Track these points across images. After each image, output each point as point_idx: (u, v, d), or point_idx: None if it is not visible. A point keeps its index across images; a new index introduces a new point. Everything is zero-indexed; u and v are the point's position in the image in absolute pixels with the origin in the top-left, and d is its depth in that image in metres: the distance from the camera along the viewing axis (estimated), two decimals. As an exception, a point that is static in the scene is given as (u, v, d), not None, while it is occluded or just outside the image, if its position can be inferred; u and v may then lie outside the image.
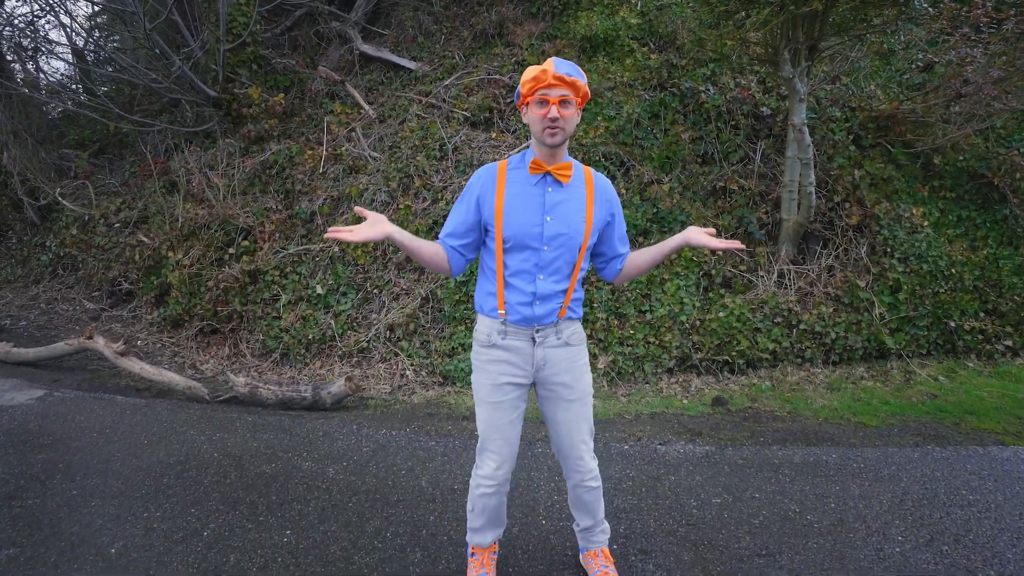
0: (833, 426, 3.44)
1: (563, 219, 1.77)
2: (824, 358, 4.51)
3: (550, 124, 1.69)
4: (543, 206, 1.77)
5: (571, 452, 1.94)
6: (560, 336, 1.86)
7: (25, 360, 5.20)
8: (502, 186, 1.80)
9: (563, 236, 1.77)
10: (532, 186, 1.78)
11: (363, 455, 3.10)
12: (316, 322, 5.28)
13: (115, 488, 2.79)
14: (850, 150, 5.27)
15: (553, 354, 1.86)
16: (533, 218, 1.76)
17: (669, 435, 3.34)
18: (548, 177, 1.78)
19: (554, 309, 1.82)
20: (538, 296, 1.79)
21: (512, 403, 1.88)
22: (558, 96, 1.67)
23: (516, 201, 1.77)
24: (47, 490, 2.79)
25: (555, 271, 1.80)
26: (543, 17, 7.54)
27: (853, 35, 4.62)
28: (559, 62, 1.68)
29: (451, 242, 1.86)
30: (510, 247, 1.79)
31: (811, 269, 4.92)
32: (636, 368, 4.52)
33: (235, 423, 3.59)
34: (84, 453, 3.17)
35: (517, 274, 1.80)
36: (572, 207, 1.79)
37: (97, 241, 6.87)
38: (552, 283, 1.80)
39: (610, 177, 5.54)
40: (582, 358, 1.93)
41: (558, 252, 1.78)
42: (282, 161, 6.53)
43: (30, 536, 2.41)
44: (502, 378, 1.86)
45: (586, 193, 1.82)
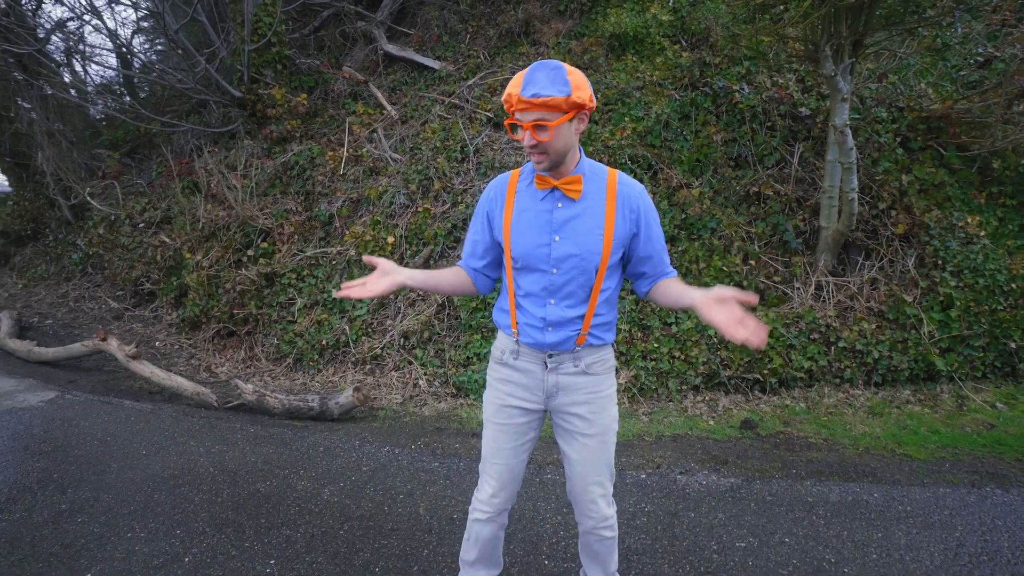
0: (875, 458, 3.12)
1: (573, 239, 1.55)
2: (865, 379, 4.16)
3: (530, 150, 1.49)
4: (551, 224, 1.57)
5: (583, 495, 1.71)
6: (578, 364, 1.64)
7: (45, 359, 5.23)
8: (511, 201, 1.62)
9: (574, 258, 1.56)
10: (540, 201, 1.59)
11: (362, 475, 2.94)
12: (331, 327, 5.17)
13: (105, 503, 2.68)
14: (897, 153, 4.89)
15: (569, 382, 1.65)
16: (540, 238, 1.57)
17: (691, 463, 3.08)
18: (556, 191, 1.57)
19: (570, 336, 1.61)
20: (549, 322, 1.60)
21: (518, 428, 1.71)
22: (531, 121, 1.44)
23: (523, 218, 1.59)
24: (37, 502, 2.70)
25: (568, 295, 1.59)
26: (571, 15, 7.31)
27: (902, 29, 4.26)
28: (530, 78, 1.44)
29: (472, 264, 1.75)
30: (520, 267, 1.62)
31: (852, 282, 4.57)
32: (659, 384, 4.26)
33: (237, 434, 3.47)
34: (81, 463, 3.09)
35: (528, 296, 1.63)
36: (586, 224, 1.56)
37: (122, 241, 6.93)
38: (565, 308, 1.59)
39: (637, 181, 5.27)
40: (606, 389, 1.69)
41: (570, 275, 1.57)
42: (303, 162, 6.46)
43: (8, 555, 2.31)
44: (509, 399, 1.70)
45: (606, 205, 1.56)
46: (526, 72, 1.46)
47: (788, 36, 4.44)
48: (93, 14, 7.46)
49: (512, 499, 1.79)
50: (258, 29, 7.07)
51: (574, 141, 1.51)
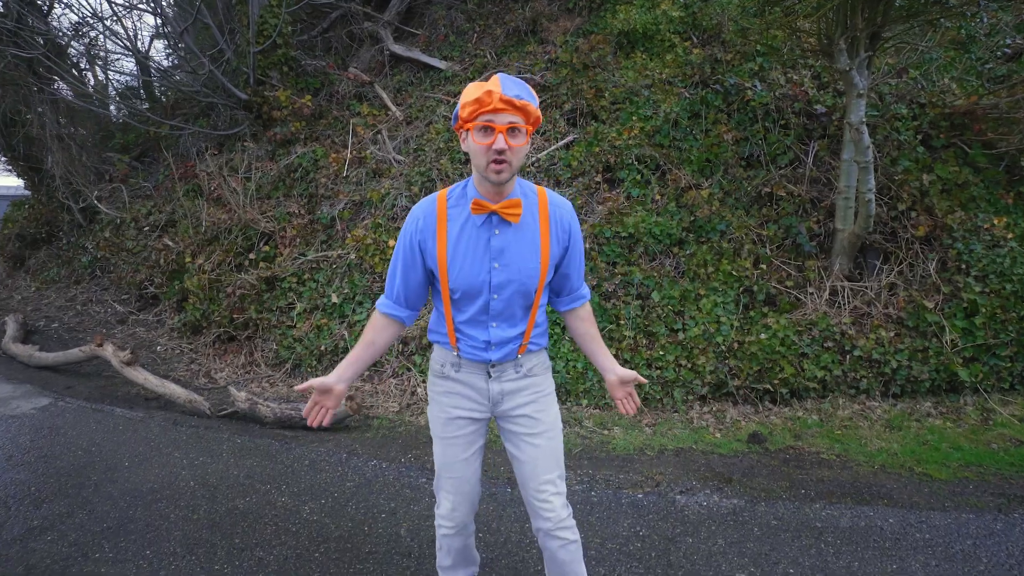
0: (892, 477, 2.92)
1: (513, 265, 1.53)
2: (883, 390, 3.94)
3: (496, 157, 1.40)
4: (488, 252, 1.52)
5: (537, 496, 1.66)
6: (519, 369, 1.66)
7: (45, 364, 5.21)
8: (443, 228, 1.53)
9: (513, 283, 1.54)
10: (477, 228, 1.52)
11: (344, 492, 2.81)
12: (330, 332, 5.07)
13: (78, 520, 2.60)
14: (918, 151, 4.65)
15: (513, 387, 1.66)
16: (480, 266, 1.52)
17: (693, 480, 2.91)
18: (494, 217, 1.51)
19: (512, 350, 1.63)
20: (493, 343, 1.60)
21: (467, 439, 1.69)
22: (506, 123, 1.39)
23: (459, 247, 1.52)
24: (10, 518, 2.62)
25: (508, 317, 1.60)
26: (579, 12, 7.15)
27: (923, 20, 4.03)
28: (507, 81, 1.41)
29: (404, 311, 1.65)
30: (458, 297, 1.58)
31: (869, 287, 4.35)
32: (664, 394, 4.08)
33: (223, 445, 3.38)
34: (61, 475, 3.01)
35: (468, 323, 1.60)
36: (523, 249, 1.54)
37: (127, 244, 6.92)
38: (507, 328, 1.60)
39: (644, 182, 5.11)
40: (547, 387, 1.72)
41: (510, 299, 1.57)
42: (306, 164, 6.38)
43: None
44: (455, 411, 1.67)
45: (540, 225, 1.55)
46: (497, 77, 1.41)
47: (800, 30, 4.23)
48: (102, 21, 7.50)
49: (474, 508, 1.77)
50: (263, 31, 7.02)
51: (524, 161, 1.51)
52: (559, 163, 5.49)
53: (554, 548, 1.68)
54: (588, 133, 5.56)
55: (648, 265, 4.66)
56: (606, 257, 4.70)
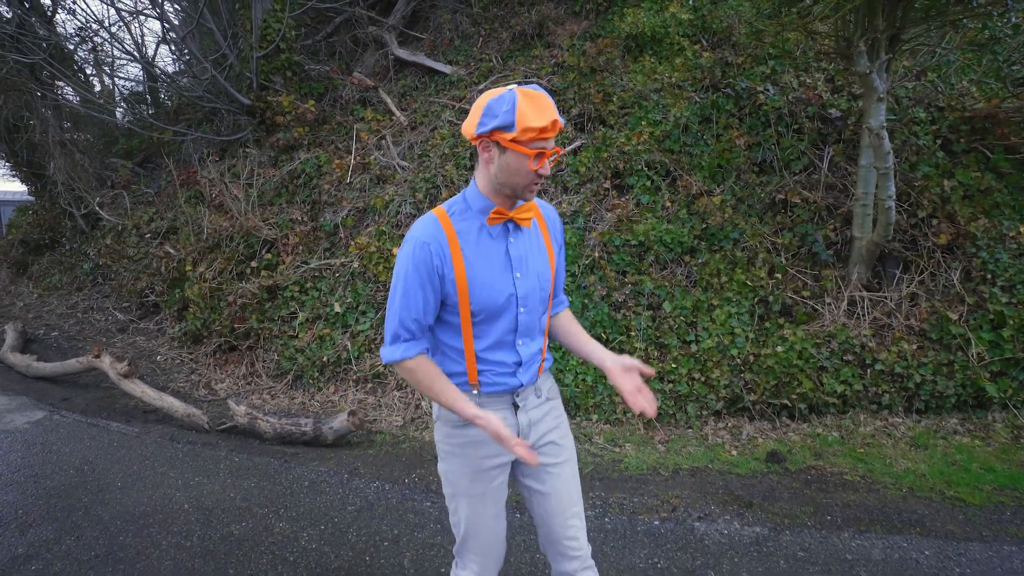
0: (922, 502, 2.76)
1: (532, 271, 1.46)
2: (906, 406, 3.79)
3: (536, 179, 1.36)
4: (509, 262, 1.43)
5: (563, 533, 1.51)
6: (540, 394, 1.55)
7: (43, 375, 5.11)
8: (456, 248, 1.39)
9: (536, 291, 1.46)
10: (492, 239, 1.42)
11: (346, 517, 2.68)
12: (333, 342, 4.95)
13: (65, 548, 2.47)
14: (938, 156, 4.50)
15: (537, 415, 1.53)
16: (503, 280, 1.41)
17: (712, 505, 2.76)
18: (510, 224, 1.44)
19: (535, 369, 1.53)
20: (523, 363, 1.48)
21: (498, 490, 1.52)
22: (552, 147, 1.35)
23: (479, 263, 1.40)
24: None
25: (530, 331, 1.50)
26: (586, 16, 7.03)
27: (945, 21, 3.89)
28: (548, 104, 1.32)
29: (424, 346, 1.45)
30: (480, 320, 1.42)
31: (889, 297, 4.19)
32: (678, 409, 3.94)
33: (220, 464, 3.25)
34: (51, 497, 2.89)
35: (492, 348, 1.45)
36: (536, 253, 1.48)
37: (128, 252, 6.83)
38: (530, 344, 1.51)
39: (654, 188, 4.98)
40: (562, 411, 1.63)
41: (535, 310, 1.48)
42: (310, 171, 6.28)
43: (-47, 608, 2.11)
44: (485, 462, 1.47)
45: (540, 227, 1.52)
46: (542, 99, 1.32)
47: (817, 32, 4.10)
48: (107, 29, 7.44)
49: (500, 567, 1.58)
50: (267, 36, 6.93)
51: None
52: (567, 169, 5.36)
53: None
54: (596, 138, 5.43)
55: (659, 274, 4.52)
56: (615, 266, 4.57)
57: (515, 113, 1.29)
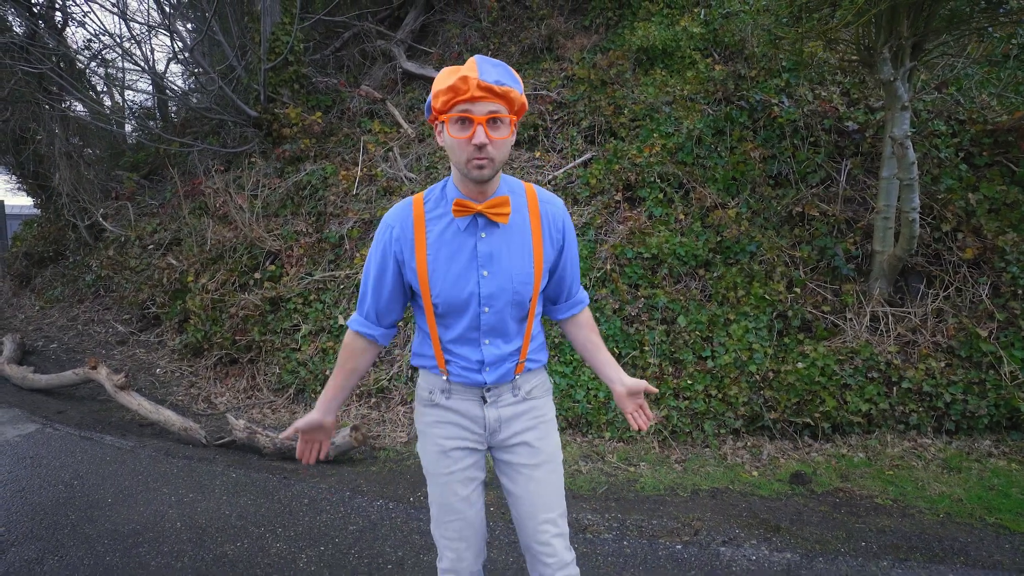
0: (962, 529, 2.58)
1: (504, 272, 1.35)
2: (936, 426, 3.61)
3: (476, 153, 1.22)
4: (476, 258, 1.34)
5: (536, 538, 1.44)
6: (518, 392, 1.46)
7: (38, 387, 4.98)
8: (421, 235, 1.34)
9: (506, 293, 1.36)
10: (461, 232, 1.34)
11: (347, 537, 2.52)
12: (335, 355, 4.81)
13: (47, 568, 2.32)
14: (961, 170, 4.38)
15: (511, 412, 1.46)
16: (466, 276, 1.34)
17: (736, 528, 2.59)
18: (480, 219, 1.33)
19: (509, 370, 1.43)
20: (486, 363, 1.41)
21: (465, 473, 1.46)
22: (486, 113, 1.20)
23: (441, 255, 1.34)
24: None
25: (502, 332, 1.40)
26: (596, 29, 7.01)
27: (971, 28, 3.79)
28: (485, 64, 1.21)
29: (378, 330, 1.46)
30: (442, 313, 1.38)
31: (914, 313, 4.04)
32: (694, 427, 3.77)
33: (216, 480, 3.10)
34: (37, 514, 2.74)
35: (457, 341, 1.40)
36: (514, 252, 1.36)
37: (131, 263, 6.74)
38: (501, 345, 1.41)
39: (667, 201, 4.86)
40: (548, 413, 1.52)
41: (502, 312, 1.38)
42: (315, 182, 6.21)
43: (-78, 634, 1.96)
44: (449, 443, 1.45)
45: (531, 225, 1.38)
46: (474, 60, 1.22)
47: (838, 39, 4.01)
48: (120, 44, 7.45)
49: (481, 555, 1.52)
50: (275, 48, 6.93)
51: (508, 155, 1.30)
52: (577, 181, 5.27)
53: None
54: (607, 150, 5.34)
55: (673, 288, 4.38)
56: (628, 279, 4.44)
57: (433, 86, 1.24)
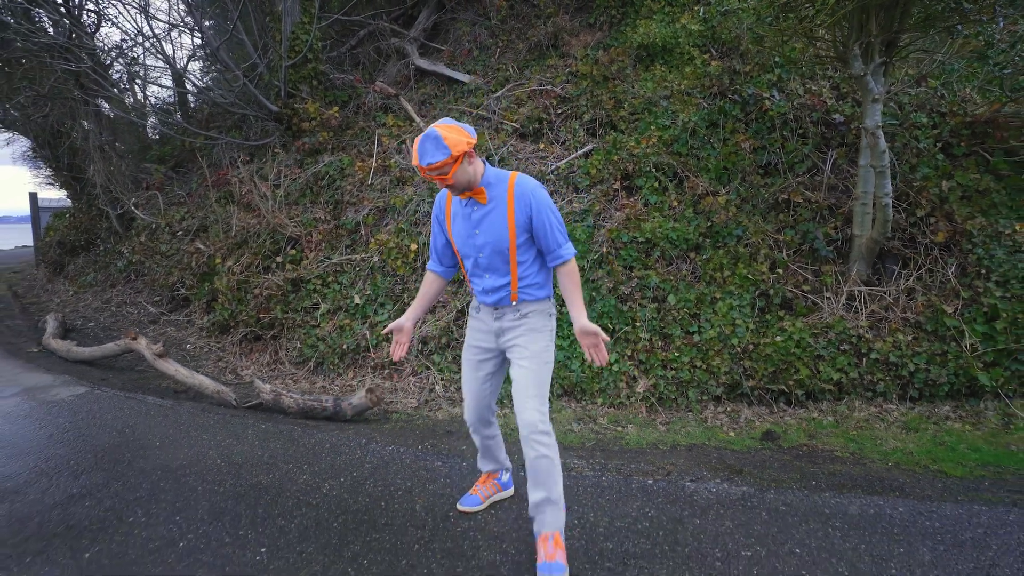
0: (905, 473, 2.91)
1: (488, 230, 2.13)
2: (900, 393, 3.92)
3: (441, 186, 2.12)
4: (471, 222, 2.16)
5: (519, 407, 2.13)
6: (518, 312, 2.21)
7: (82, 358, 5.44)
8: (449, 208, 2.24)
9: (489, 244, 2.14)
10: (464, 207, 2.18)
11: (363, 471, 2.91)
12: (352, 332, 5.21)
13: (113, 489, 2.73)
14: (937, 159, 4.66)
15: (510, 325, 2.22)
16: (468, 232, 2.18)
17: (704, 471, 2.93)
18: (472, 200, 2.14)
19: (504, 296, 2.20)
20: (486, 290, 2.22)
21: (478, 362, 2.34)
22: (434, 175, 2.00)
23: (457, 220, 2.21)
24: (51, 486, 2.77)
25: (494, 270, 2.18)
26: (600, 27, 7.33)
27: (941, 27, 4.08)
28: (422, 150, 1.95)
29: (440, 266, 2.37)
30: (462, 255, 2.27)
31: (887, 292, 4.34)
32: (679, 394, 4.12)
33: (248, 430, 3.51)
34: (97, 452, 3.17)
35: (471, 274, 2.27)
36: (494, 219, 2.12)
37: (161, 248, 7.20)
38: (494, 279, 2.19)
39: (662, 189, 5.19)
40: (541, 327, 2.21)
41: (490, 257, 2.16)
42: (333, 173, 6.61)
43: (16, 534, 2.37)
44: (472, 340, 2.36)
45: (507, 201, 2.10)
46: (417, 145, 1.97)
47: (817, 37, 4.31)
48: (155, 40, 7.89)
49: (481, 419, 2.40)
50: (295, 46, 7.33)
51: (473, 170, 2.05)
52: (578, 171, 5.61)
53: (531, 457, 2.09)
54: (607, 142, 5.68)
55: (664, 269, 4.72)
56: (623, 261, 4.78)
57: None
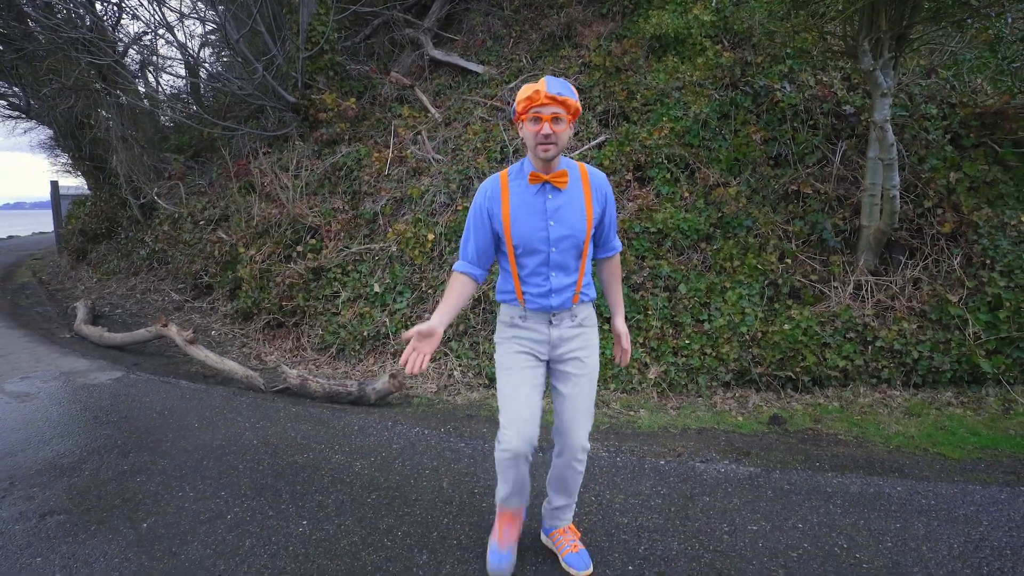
0: (905, 456, 3.06)
1: (565, 222, 1.90)
2: (904, 379, 4.05)
3: (543, 140, 1.80)
4: (545, 213, 1.90)
5: (570, 427, 2.00)
6: (575, 318, 2.01)
7: (114, 344, 5.67)
8: (506, 198, 1.92)
9: (567, 238, 1.90)
10: (533, 195, 1.90)
11: (392, 452, 3.10)
12: (372, 319, 5.40)
13: (160, 466, 2.94)
14: (946, 150, 4.74)
15: (569, 333, 1.99)
16: (538, 224, 1.89)
17: (713, 452, 3.10)
18: (547, 185, 1.90)
19: (568, 297, 1.96)
20: (553, 290, 1.94)
21: (530, 368, 1.99)
22: (550, 114, 1.78)
23: (521, 211, 1.91)
24: (103, 464, 2.98)
25: (564, 267, 1.94)
26: (612, 17, 7.39)
27: (950, 21, 4.14)
28: (551, 81, 1.80)
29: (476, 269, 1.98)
30: (521, 252, 1.93)
31: (894, 281, 4.46)
32: (689, 380, 4.27)
33: (279, 413, 3.71)
34: (141, 432, 3.38)
35: (532, 274, 1.94)
36: (572, 209, 1.91)
37: (184, 237, 7.41)
38: (563, 277, 1.94)
39: (673, 180, 5.31)
40: (595, 339, 2.07)
41: (565, 252, 1.92)
42: (350, 163, 6.76)
43: (78, 505, 2.58)
44: (519, 346, 2.00)
45: (583, 191, 1.93)
46: (544, 79, 1.80)
47: (827, 32, 4.39)
48: (167, 29, 8.05)
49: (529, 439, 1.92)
50: (312, 38, 7.46)
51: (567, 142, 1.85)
52: (591, 162, 5.72)
53: (567, 474, 2.05)
54: (619, 133, 5.78)
55: (676, 259, 4.85)
56: (635, 251, 4.92)
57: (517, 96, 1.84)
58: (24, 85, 9.40)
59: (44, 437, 3.32)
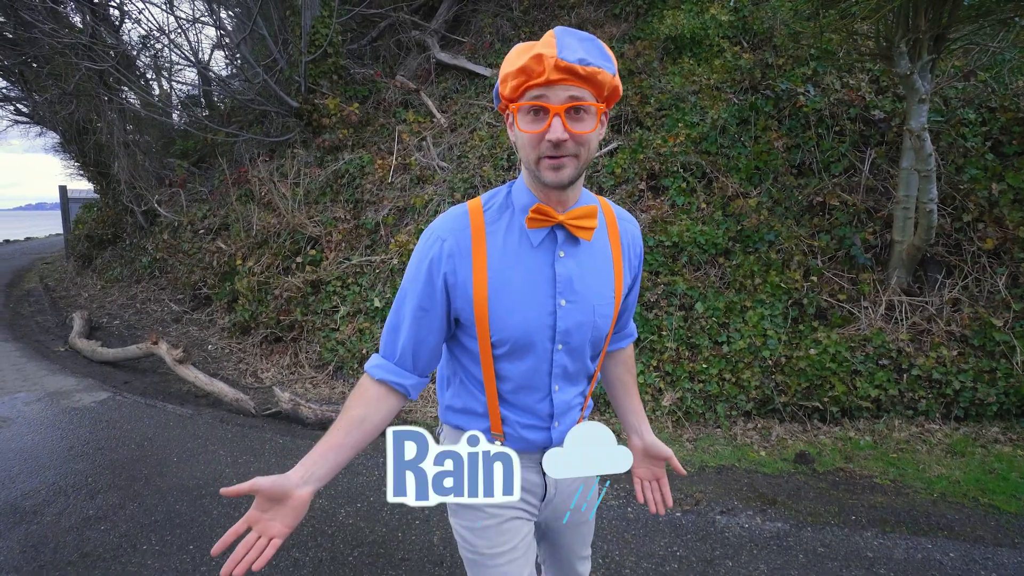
0: (953, 507, 2.73)
1: (586, 301, 1.06)
2: (944, 412, 3.72)
3: (551, 151, 0.95)
4: (552, 281, 1.04)
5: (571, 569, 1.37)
6: None
7: (106, 360, 5.48)
8: (481, 252, 1.03)
9: (586, 327, 1.08)
10: (533, 249, 1.05)
11: (380, 497, 2.84)
12: (372, 335, 5.15)
13: (128, 512, 2.71)
14: (987, 159, 4.38)
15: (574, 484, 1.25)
16: (541, 306, 1.04)
17: (735, 501, 2.80)
18: (558, 232, 1.05)
19: (573, 420, 1.18)
20: (557, 415, 1.13)
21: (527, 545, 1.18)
22: (564, 100, 0.92)
23: (509, 277, 1.03)
24: (68, 507, 2.76)
25: (574, 375, 1.14)
26: (625, 18, 7.09)
27: (996, 20, 3.80)
28: (566, 37, 0.92)
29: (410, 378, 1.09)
30: (504, 352, 1.07)
31: (930, 302, 4.11)
32: (707, 409, 3.96)
33: (265, 445, 3.47)
34: (116, 468, 3.16)
35: (522, 389, 1.11)
36: (598, 277, 1.09)
37: (183, 247, 7.23)
38: (568, 390, 1.15)
39: (689, 190, 4.99)
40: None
41: (579, 351, 1.10)
42: (353, 171, 6.53)
43: (32, 560, 2.35)
44: (508, 513, 1.15)
45: (611, 245, 1.11)
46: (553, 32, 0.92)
47: (857, 33, 4.06)
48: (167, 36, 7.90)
49: None
50: (315, 41, 7.24)
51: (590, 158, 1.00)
52: (602, 170, 5.43)
53: None
54: (632, 140, 5.48)
55: (692, 275, 4.54)
56: (648, 266, 4.61)
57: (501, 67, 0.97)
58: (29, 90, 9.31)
59: (11, 472, 3.10)
